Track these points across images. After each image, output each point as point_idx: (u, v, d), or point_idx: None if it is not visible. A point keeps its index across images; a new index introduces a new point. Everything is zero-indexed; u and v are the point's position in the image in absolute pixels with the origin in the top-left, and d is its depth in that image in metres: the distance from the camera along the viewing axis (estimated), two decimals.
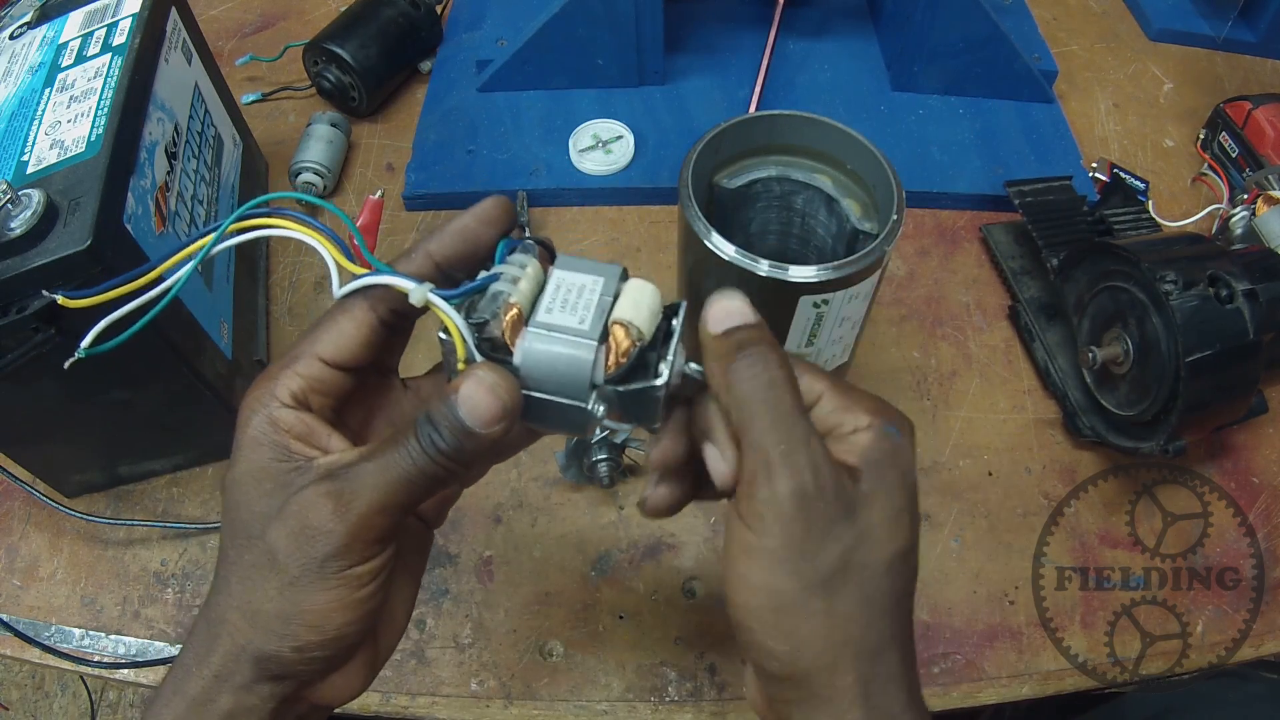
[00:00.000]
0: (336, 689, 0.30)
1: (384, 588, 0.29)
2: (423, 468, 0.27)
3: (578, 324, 0.28)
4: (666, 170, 0.69)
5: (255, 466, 0.28)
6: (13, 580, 0.53)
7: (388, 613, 0.31)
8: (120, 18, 0.49)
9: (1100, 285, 0.55)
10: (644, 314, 0.29)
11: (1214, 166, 0.71)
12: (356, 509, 0.27)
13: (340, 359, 0.29)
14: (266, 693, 0.28)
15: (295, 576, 0.27)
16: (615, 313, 0.29)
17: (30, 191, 0.40)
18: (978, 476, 0.57)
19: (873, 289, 0.47)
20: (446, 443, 0.27)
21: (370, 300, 0.29)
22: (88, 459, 0.54)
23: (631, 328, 0.28)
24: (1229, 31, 0.81)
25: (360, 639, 0.29)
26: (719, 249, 0.44)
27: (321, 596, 0.27)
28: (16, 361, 0.40)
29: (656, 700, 0.49)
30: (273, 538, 0.27)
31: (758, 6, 0.78)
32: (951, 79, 0.72)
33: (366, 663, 0.31)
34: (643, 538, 0.54)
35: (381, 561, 0.28)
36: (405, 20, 0.74)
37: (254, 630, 0.27)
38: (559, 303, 0.29)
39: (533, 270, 0.29)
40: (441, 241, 0.30)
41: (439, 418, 0.27)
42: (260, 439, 0.28)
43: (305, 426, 0.29)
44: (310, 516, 0.27)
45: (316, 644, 0.27)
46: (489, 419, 0.27)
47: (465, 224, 0.31)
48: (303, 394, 0.29)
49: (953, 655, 0.51)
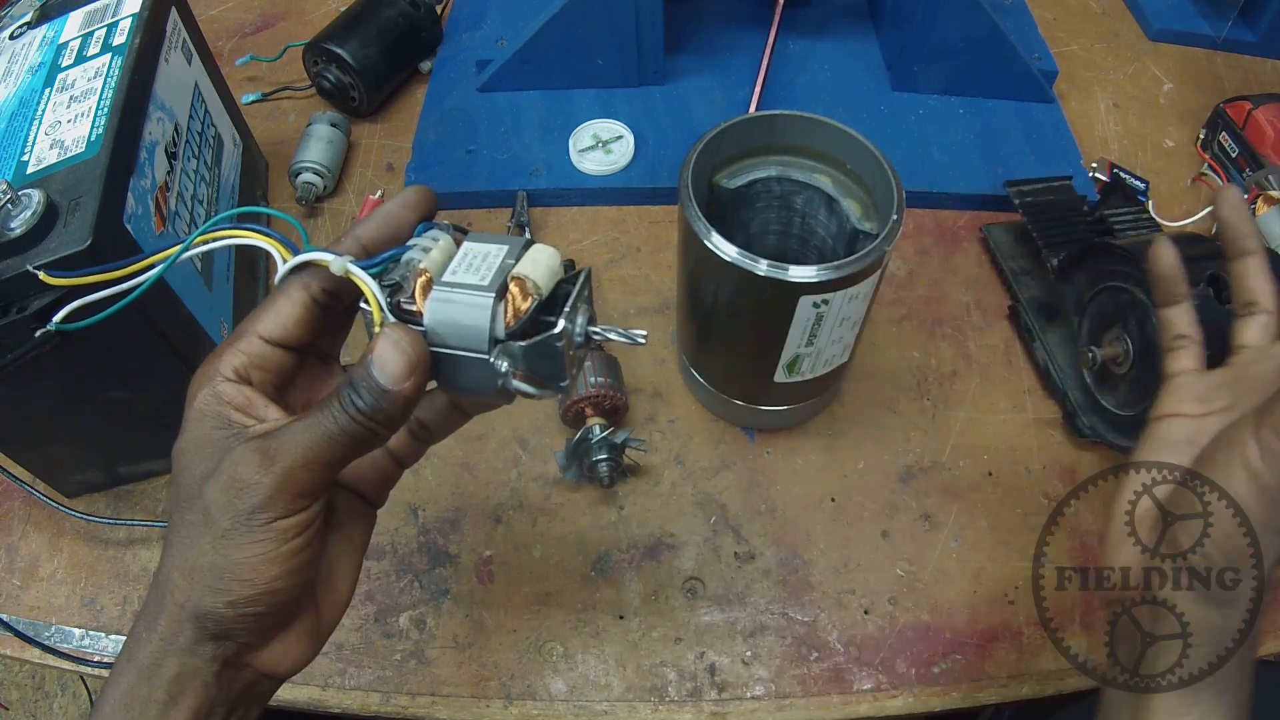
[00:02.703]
0: (279, 656, 0.32)
1: (312, 546, 0.30)
2: (344, 426, 0.29)
3: (478, 281, 0.30)
4: (666, 170, 0.69)
5: (198, 435, 0.30)
6: (13, 580, 0.53)
7: (328, 583, 0.33)
8: (120, 18, 0.49)
9: (1100, 285, 0.55)
10: (542, 270, 0.31)
11: (1214, 166, 0.71)
12: (282, 463, 0.28)
13: (278, 336, 0.31)
14: (209, 653, 0.29)
15: (226, 529, 0.28)
16: (514, 271, 0.31)
17: (30, 191, 0.40)
18: (978, 476, 0.57)
19: (873, 289, 0.47)
20: (365, 401, 0.29)
21: (304, 280, 0.32)
22: (88, 459, 0.54)
23: (528, 281, 0.30)
24: (1229, 31, 0.81)
25: (292, 597, 0.30)
26: (719, 249, 0.44)
27: (250, 549, 0.28)
28: (16, 361, 0.40)
29: (656, 700, 0.49)
30: (208, 494, 0.29)
31: (758, 6, 0.78)
32: (951, 79, 0.72)
33: (308, 632, 0.32)
34: (643, 538, 0.54)
35: (308, 516, 0.30)
36: (405, 20, 0.74)
37: (192, 587, 0.29)
38: (464, 267, 0.31)
39: (445, 243, 0.32)
40: (367, 226, 0.32)
41: (358, 379, 0.29)
42: (204, 410, 0.30)
43: (245, 398, 0.30)
44: (239, 471, 0.29)
45: (248, 598, 0.29)
46: (399, 374, 0.29)
47: (389, 209, 0.33)
48: (244, 369, 0.31)
49: (953, 655, 0.51)
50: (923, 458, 0.57)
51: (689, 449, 0.58)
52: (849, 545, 0.54)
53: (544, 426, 0.58)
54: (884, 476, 0.57)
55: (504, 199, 0.68)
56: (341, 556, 0.34)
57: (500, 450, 0.58)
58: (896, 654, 0.51)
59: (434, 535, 0.55)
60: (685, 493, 0.56)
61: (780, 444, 0.58)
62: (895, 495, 0.56)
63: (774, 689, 0.50)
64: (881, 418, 0.59)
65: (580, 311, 0.32)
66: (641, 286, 0.65)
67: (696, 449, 0.58)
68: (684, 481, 0.56)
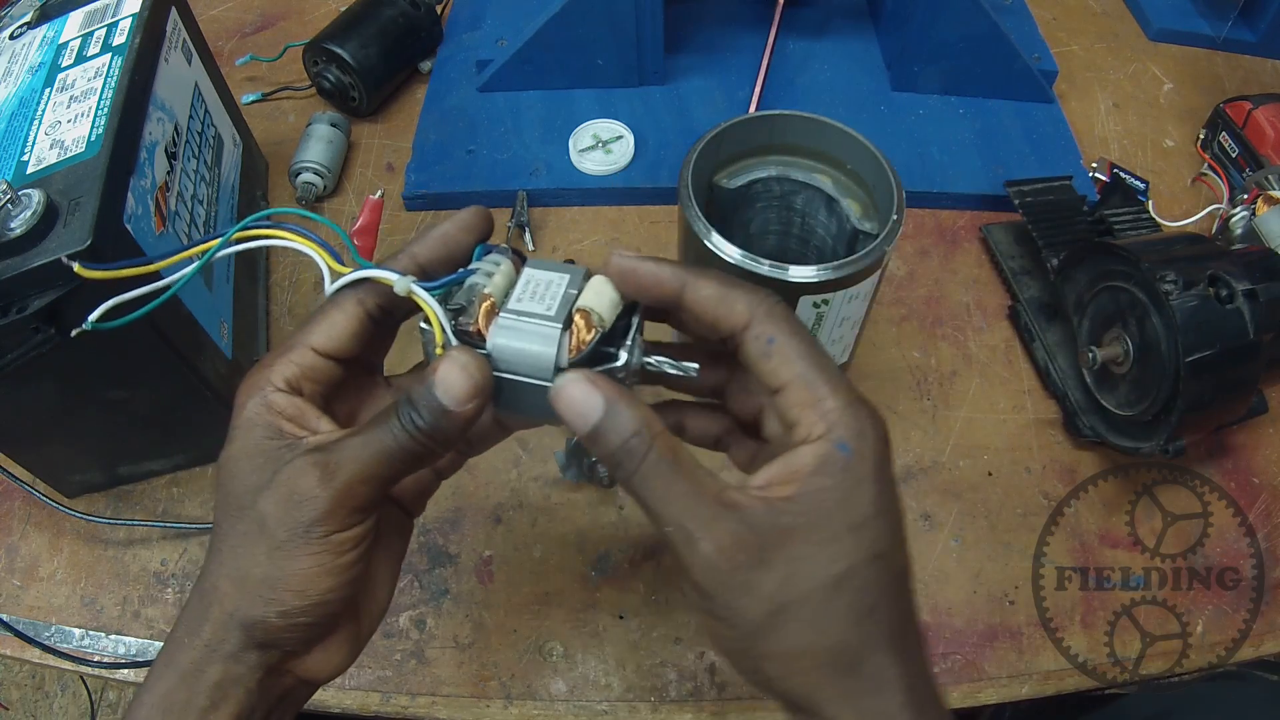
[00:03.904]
0: (320, 663, 0.32)
1: (364, 558, 0.30)
2: (402, 444, 0.29)
3: (544, 311, 0.31)
4: (666, 170, 0.69)
5: (249, 445, 0.30)
6: (13, 580, 0.53)
7: (369, 591, 0.33)
8: (120, 18, 0.49)
9: (1100, 285, 0.55)
10: (605, 304, 0.31)
11: (1214, 166, 0.71)
12: (341, 478, 0.29)
13: (331, 349, 0.31)
14: (254, 661, 0.29)
15: (282, 541, 0.28)
16: (579, 302, 0.31)
17: (30, 191, 0.40)
18: (978, 476, 0.57)
19: (873, 289, 0.47)
20: (425, 420, 0.29)
21: (359, 295, 0.32)
22: (87, 459, 0.54)
23: (593, 314, 0.31)
24: (1229, 31, 0.81)
25: (341, 609, 0.30)
26: (719, 249, 0.44)
27: (306, 561, 0.29)
28: (16, 361, 0.40)
29: (656, 700, 0.49)
30: (263, 505, 0.29)
31: (758, 6, 0.78)
32: (951, 79, 0.72)
33: (349, 638, 0.32)
34: (643, 538, 0.54)
35: (363, 530, 0.30)
36: (405, 20, 0.74)
37: (242, 596, 0.29)
38: (529, 294, 0.32)
39: (506, 268, 0.32)
40: (424, 245, 0.32)
41: (418, 398, 0.29)
42: (255, 420, 0.30)
43: (297, 409, 0.30)
44: (298, 484, 0.29)
45: (300, 609, 0.29)
46: (463, 397, 0.29)
47: (446, 230, 0.33)
48: (296, 380, 0.31)
49: (953, 655, 0.51)
50: (923, 457, 0.57)
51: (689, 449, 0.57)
52: None
53: (544, 427, 0.58)
54: None
55: (504, 199, 0.68)
56: (383, 565, 0.34)
57: (500, 450, 0.57)
58: None
59: (434, 535, 0.55)
60: None
61: None
62: None
63: None
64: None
65: (638, 345, 0.33)
66: None
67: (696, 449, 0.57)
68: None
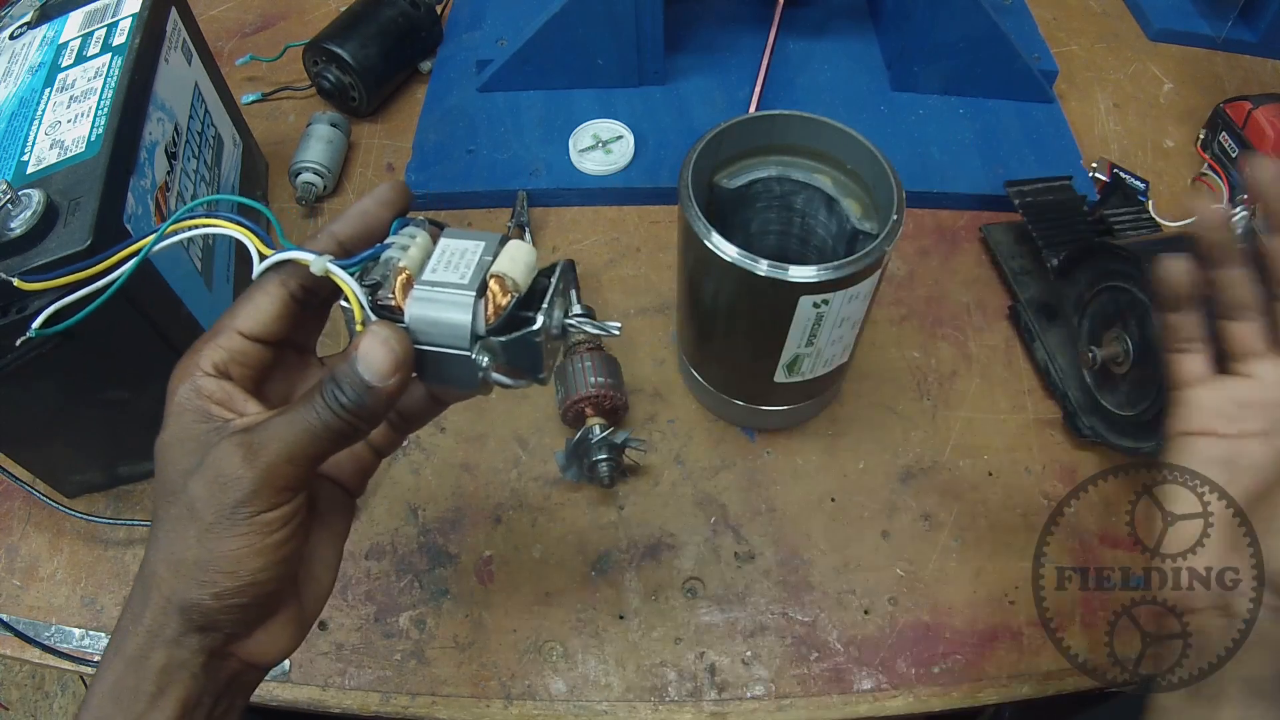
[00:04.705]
0: (264, 646, 0.32)
1: (296, 538, 0.30)
2: (327, 421, 0.29)
3: (458, 280, 0.31)
4: (666, 170, 0.69)
5: (180, 430, 0.30)
6: (13, 580, 0.53)
7: (309, 572, 0.34)
8: (120, 18, 0.50)
9: (1100, 285, 0.55)
10: (520, 268, 0.31)
11: (1214, 166, 0.71)
12: (265, 458, 0.29)
13: (257, 331, 0.32)
14: (195, 645, 0.30)
15: (211, 523, 0.29)
16: (493, 268, 0.31)
17: (30, 191, 0.40)
18: (978, 476, 0.57)
19: (873, 289, 0.47)
20: (349, 397, 0.29)
21: (281, 277, 0.32)
22: (88, 459, 0.54)
23: (507, 279, 0.31)
24: (1229, 31, 0.81)
25: (277, 588, 0.31)
26: (719, 249, 0.44)
27: (234, 541, 0.29)
28: (16, 361, 0.40)
29: (656, 700, 0.49)
30: (193, 489, 0.29)
31: (758, 6, 0.78)
32: (951, 79, 0.72)
33: (292, 620, 0.33)
34: (643, 538, 0.54)
35: (290, 510, 0.30)
36: (405, 20, 0.74)
37: (178, 579, 0.29)
38: (444, 264, 0.31)
39: (422, 240, 0.32)
40: (343, 223, 0.33)
41: (341, 375, 0.29)
42: (185, 405, 0.31)
43: (225, 393, 0.31)
44: (224, 466, 0.29)
45: (233, 590, 0.29)
46: (385, 371, 0.29)
47: (364, 206, 0.33)
48: (223, 364, 0.31)
49: (953, 655, 0.51)
50: (923, 457, 0.57)
51: (689, 449, 0.58)
52: (849, 545, 0.54)
53: (544, 426, 0.58)
54: (884, 476, 0.57)
55: (504, 199, 0.68)
56: (322, 546, 0.34)
57: (500, 450, 0.58)
58: (896, 654, 0.51)
59: (434, 535, 0.55)
60: (685, 493, 0.56)
61: (780, 444, 0.58)
62: (895, 495, 0.56)
63: (774, 689, 0.50)
64: (881, 418, 0.59)
65: (557, 306, 0.33)
66: (641, 286, 0.65)
67: (696, 449, 0.58)
68: (684, 481, 0.56)
